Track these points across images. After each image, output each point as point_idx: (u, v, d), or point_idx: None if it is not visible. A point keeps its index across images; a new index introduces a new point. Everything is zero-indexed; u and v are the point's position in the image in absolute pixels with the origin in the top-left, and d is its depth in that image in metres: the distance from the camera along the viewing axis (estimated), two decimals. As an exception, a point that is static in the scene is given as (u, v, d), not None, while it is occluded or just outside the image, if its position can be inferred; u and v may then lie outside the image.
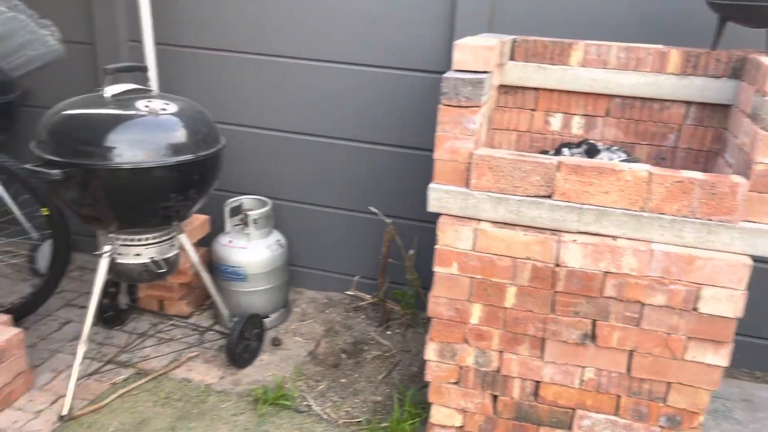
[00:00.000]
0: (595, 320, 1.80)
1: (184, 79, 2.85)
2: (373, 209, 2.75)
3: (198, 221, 2.83)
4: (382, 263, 2.70)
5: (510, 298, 1.85)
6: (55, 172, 1.93)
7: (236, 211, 2.72)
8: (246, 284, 2.64)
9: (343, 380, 2.45)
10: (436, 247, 1.87)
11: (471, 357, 1.94)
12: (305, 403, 2.31)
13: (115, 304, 2.66)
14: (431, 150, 2.66)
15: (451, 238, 1.85)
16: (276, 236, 2.73)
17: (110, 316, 2.66)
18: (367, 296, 2.86)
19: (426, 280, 2.78)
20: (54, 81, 3.03)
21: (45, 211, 2.50)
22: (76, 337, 2.61)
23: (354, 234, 2.90)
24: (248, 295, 2.66)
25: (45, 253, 2.96)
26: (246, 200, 2.75)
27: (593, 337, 1.82)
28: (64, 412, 2.14)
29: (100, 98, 2.10)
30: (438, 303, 1.93)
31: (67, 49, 2.94)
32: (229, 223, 2.69)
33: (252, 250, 2.62)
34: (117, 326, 2.69)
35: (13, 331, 2.20)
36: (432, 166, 2.65)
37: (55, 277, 2.60)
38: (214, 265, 2.69)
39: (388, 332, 2.77)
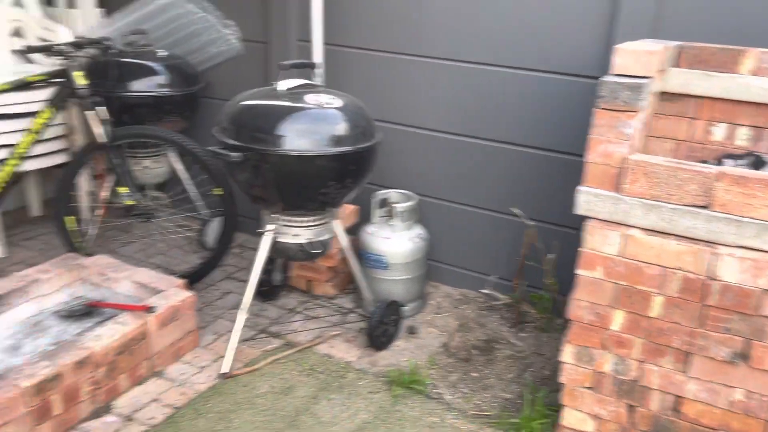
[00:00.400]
0: (749, 339, 1.72)
1: (346, 77, 3.05)
2: (515, 210, 2.78)
3: (348, 210, 3.02)
4: (521, 265, 2.72)
5: (656, 308, 1.82)
6: (235, 155, 2.18)
7: (383, 203, 2.87)
8: (387, 272, 2.78)
9: (474, 374, 2.52)
10: (581, 249, 1.88)
11: (609, 363, 1.93)
12: (436, 390, 2.40)
13: (269, 280, 2.91)
14: (578, 155, 2.65)
15: (597, 241, 1.85)
16: (418, 230, 2.85)
17: (265, 290, 2.91)
18: (502, 296, 2.89)
19: (564, 285, 2.76)
20: (230, 75, 3.36)
21: (218, 191, 2.79)
22: (236, 306, 2.89)
23: (493, 234, 2.95)
24: (388, 283, 2.80)
25: (213, 230, 3.30)
26: (393, 194, 2.89)
27: (745, 356, 1.73)
28: (224, 370, 2.39)
29: (274, 91, 2.33)
30: (579, 306, 1.93)
31: (244, 47, 3.27)
32: (375, 214, 2.84)
33: (395, 241, 2.76)
34: (270, 300, 2.95)
35: (187, 294, 2.50)
36: (578, 171, 2.64)
37: (221, 252, 2.89)
38: (359, 253, 2.86)
39: (521, 334, 2.79)
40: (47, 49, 2.55)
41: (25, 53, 2.56)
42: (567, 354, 1.99)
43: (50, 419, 2.02)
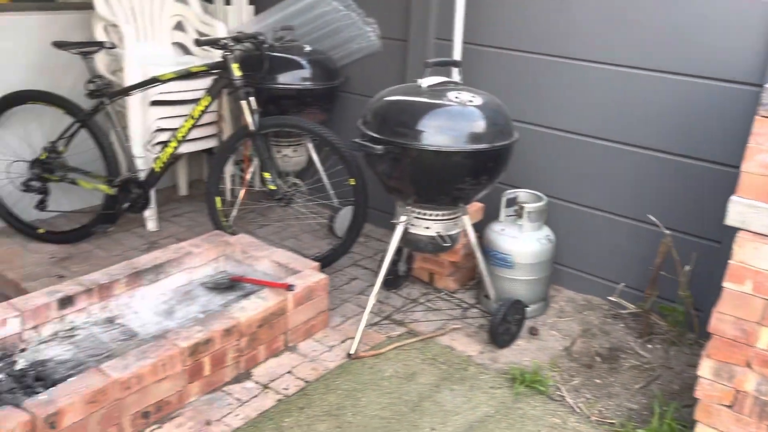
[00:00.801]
0: None
1: (482, 76, 3.08)
2: (652, 218, 2.69)
3: (474, 207, 3.06)
4: (654, 274, 2.64)
5: (811, 329, 1.72)
6: (379, 147, 2.28)
7: (511, 202, 2.88)
8: (512, 272, 2.79)
9: (597, 381, 2.48)
10: (730, 262, 1.81)
11: (752, 383, 1.85)
12: (558, 393, 2.39)
13: (395, 270, 3.02)
14: (724, 164, 2.53)
15: (748, 255, 1.78)
16: (546, 231, 2.84)
17: (389, 279, 3.02)
18: (630, 305, 2.81)
19: (699, 300, 2.66)
20: (367, 71, 3.49)
21: (352, 182, 2.93)
22: (361, 292, 3.02)
23: (624, 241, 2.88)
24: (512, 282, 2.81)
25: (342, 218, 3.45)
26: (522, 193, 2.90)
27: None
28: (352, 351, 2.52)
29: (417, 88, 2.41)
30: (722, 320, 1.86)
31: (383, 44, 3.39)
32: (503, 212, 2.86)
33: (522, 241, 2.77)
34: (393, 289, 3.05)
35: (321, 276, 2.65)
36: (723, 181, 2.53)
37: (351, 239, 3.02)
38: (484, 250, 2.89)
39: (649, 345, 2.71)
40: (214, 42, 2.79)
41: (196, 45, 2.80)
42: (705, 369, 1.92)
43: (200, 379, 2.23)
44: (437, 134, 2.27)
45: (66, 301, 2.37)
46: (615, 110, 2.77)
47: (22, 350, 2.26)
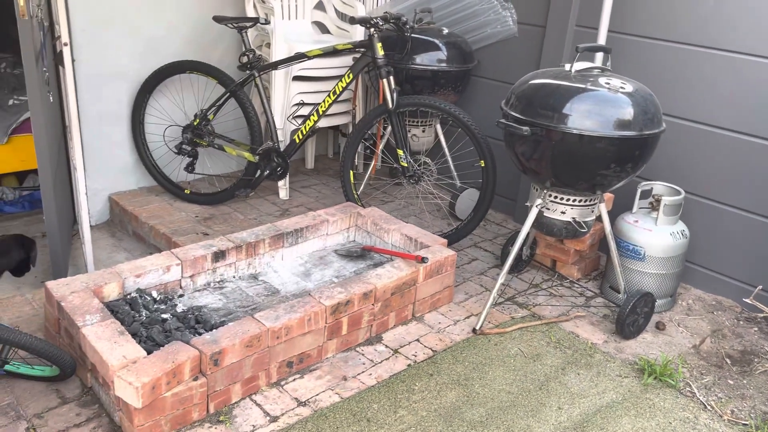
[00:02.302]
0: None
1: (626, 64, 3.03)
2: (803, 220, 2.58)
3: (606, 197, 3.03)
4: (799, 278, 2.53)
5: None
6: (525, 128, 2.32)
7: (645, 194, 2.84)
8: (642, 264, 2.76)
9: (729, 381, 2.42)
10: None
11: None
12: (688, 389, 2.36)
13: (518, 254, 3.05)
14: None
15: None
16: (680, 226, 2.78)
17: (512, 263, 3.05)
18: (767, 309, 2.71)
19: None
20: (501, 56, 3.51)
21: (482, 163, 2.98)
22: (482, 273, 3.08)
23: (764, 242, 2.77)
24: (642, 275, 2.78)
25: (463, 200, 3.51)
26: (658, 186, 2.84)
27: None
28: (477, 326, 2.58)
29: (565, 72, 2.42)
30: None
31: (520, 30, 3.40)
32: (637, 204, 2.82)
33: (656, 234, 2.72)
34: (516, 273, 3.08)
35: (449, 252, 2.72)
36: None
37: (476, 220, 3.08)
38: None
39: (786, 352, 2.61)
40: (367, 21, 2.91)
41: (351, 23, 2.93)
42: None
43: (338, 337, 2.37)
44: (585, 118, 2.27)
45: (219, 255, 2.57)
46: (764, 106, 2.66)
47: (180, 296, 2.48)
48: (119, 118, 3.38)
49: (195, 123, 3.33)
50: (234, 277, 2.66)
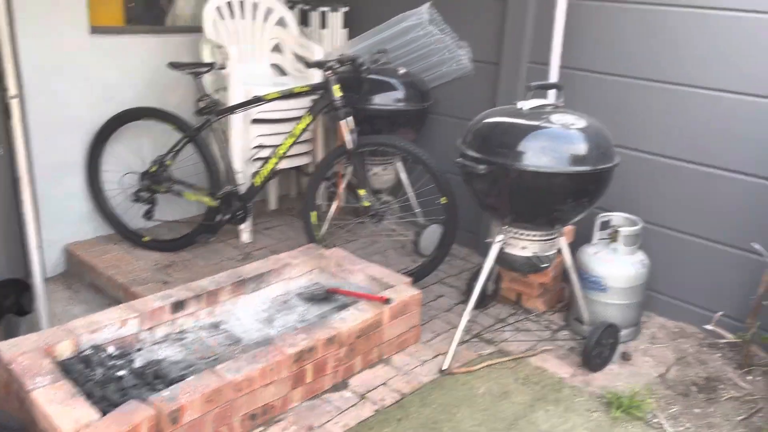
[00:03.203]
0: None
1: (578, 99, 3.09)
2: (757, 246, 2.64)
3: (566, 229, 3.07)
4: (757, 305, 2.58)
5: None
6: (482, 167, 2.34)
7: (604, 225, 2.87)
8: (605, 295, 2.78)
9: (696, 410, 2.43)
10: None
11: None
12: (656, 420, 2.36)
13: (483, 289, 3.04)
14: (838, 193, 2.46)
15: None
16: (640, 256, 2.81)
17: (478, 298, 3.04)
18: (729, 335, 2.75)
19: (805, 332, 2.58)
20: (457, 93, 3.56)
21: (444, 200, 2.99)
22: (449, 310, 3.06)
23: (723, 269, 2.82)
24: (605, 306, 2.79)
25: (428, 236, 3.52)
26: (617, 217, 2.89)
27: None
28: (445, 366, 2.56)
29: (518, 110, 2.46)
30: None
31: (475, 67, 3.46)
32: (596, 235, 2.86)
33: (617, 265, 2.75)
34: (482, 308, 3.08)
35: (414, 292, 2.71)
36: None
37: (440, 256, 3.08)
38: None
39: (749, 377, 2.63)
40: (322, 65, 2.93)
41: (307, 67, 2.95)
42: (821, 402, 1.87)
43: (303, 385, 2.32)
44: (540, 155, 2.30)
45: (178, 305, 2.51)
46: (716, 136, 2.74)
47: (139, 349, 2.40)
48: (74, 167, 3.32)
49: (152, 169, 3.29)
50: (195, 326, 2.59)
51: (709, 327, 2.80)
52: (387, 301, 2.54)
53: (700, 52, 2.72)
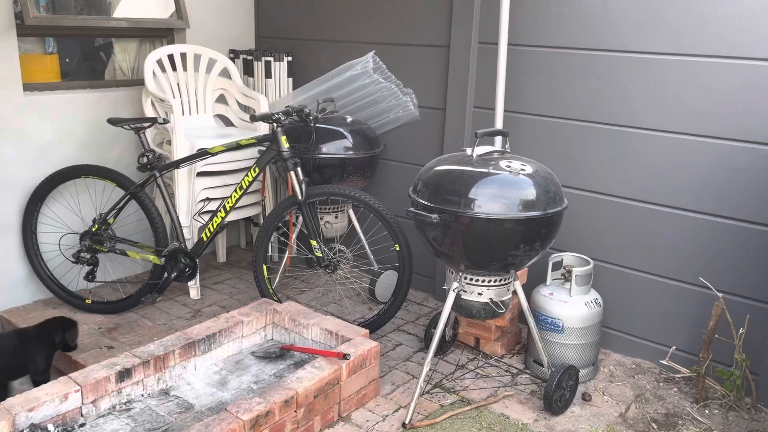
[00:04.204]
0: None
1: (523, 142, 3.16)
2: (704, 281, 2.70)
3: (521, 271, 3.08)
4: (708, 338, 2.62)
5: None
6: (434, 216, 2.33)
7: (557, 265, 2.90)
8: (562, 336, 2.78)
9: (659, 449, 2.44)
10: (801, 327, 1.81)
11: (831, 452, 1.81)
12: (621, 462, 2.34)
13: (442, 335, 3.01)
14: (776, 226, 2.55)
15: (820, 320, 1.78)
16: (594, 295, 2.84)
17: (436, 345, 3.01)
18: (684, 369, 2.78)
19: (755, 363, 2.63)
20: (406, 139, 3.58)
21: (397, 248, 2.96)
22: (408, 359, 3.01)
23: (675, 304, 2.87)
24: (562, 347, 2.80)
25: (383, 283, 3.48)
26: (568, 257, 2.92)
27: None
28: (407, 420, 2.49)
29: (467, 157, 2.47)
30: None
31: (422, 113, 3.49)
32: (550, 276, 2.87)
33: (571, 305, 2.77)
34: (441, 355, 3.03)
35: (372, 344, 2.65)
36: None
37: (397, 304, 3.04)
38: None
39: (706, 411, 2.66)
40: (268, 118, 2.89)
41: (252, 121, 2.90)
42: (779, 437, 1.89)
43: (260, 452, 2.21)
44: (491, 202, 2.31)
45: (124, 374, 2.38)
46: (661, 174, 2.82)
47: (81, 425, 2.25)
48: (8, 229, 3.16)
49: (94, 229, 3.15)
50: (143, 395, 2.46)
51: (664, 362, 2.83)
52: (345, 356, 2.47)
53: (638, 93, 2.81)
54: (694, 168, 2.73)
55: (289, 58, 3.85)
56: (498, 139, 3.00)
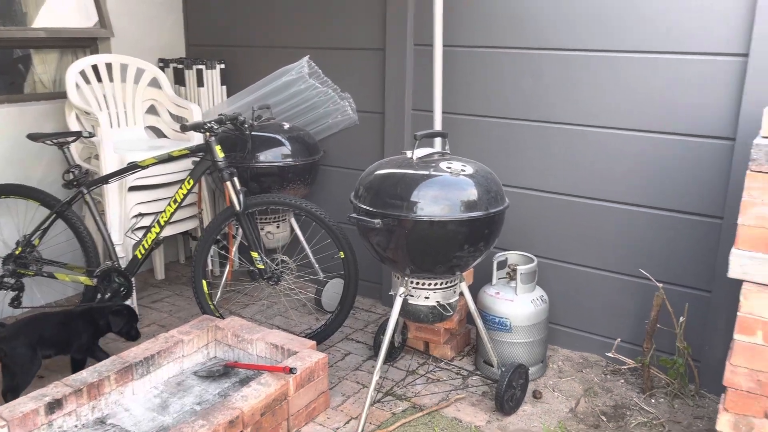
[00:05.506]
0: None
1: (462, 143, 3.15)
2: (643, 272, 2.74)
3: (466, 272, 3.06)
4: (651, 328, 2.67)
5: (825, 375, 1.75)
6: (376, 221, 2.28)
7: (501, 265, 2.90)
8: (510, 335, 2.78)
9: (609, 441, 2.45)
10: (739, 314, 1.85)
11: (773, 433, 1.85)
12: (574, 458, 2.35)
13: (391, 342, 2.96)
14: (712, 216, 2.62)
15: (755, 305, 1.82)
16: (539, 292, 2.85)
17: (386, 352, 2.96)
18: (629, 360, 2.82)
19: (696, 350, 2.69)
20: (346, 144, 3.52)
21: (342, 255, 2.90)
22: (357, 368, 2.95)
23: (617, 296, 2.92)
24: (511, 346, 2.79)
25: (330, 292, 3.40)
26: (512, 255, 2.92)
27: None
28: (359, 431, 2.43)
29: (408, 160, 2.44)
30: (736, 372, 1.88)
31: (360, 117, 3.44)
32: (495, 275, 2.87)
33: (518, 303, 2.77)
34: (390, 361, 2.98)
35: (320, 356, 2.57)
36: (708, 232, 2.61)
37: (344, 313, 2.97)
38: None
39: (652, 400, 2.70)
40: (198, 127, 2.78)
41: (182, 131, 2.79)
42: (723, 422, 1.92)
43: (206, 478, 2.10)
44: (433, 204, 2.28)
45: (54, 405, 2.22)
46: (598, 169, 2.86)
47: (9, 463, 2.09)
48: None
49: (17, 252, 2.96)
50: (76, 426, 2.31)
51: (610, 354, 2.87)
52: (291, 371, 2.39)
53: (567, 90, 2.85)
54: (626, 161, 2.78)
55: (222, 66, 3.74)
56: (438, 141, 2.98)
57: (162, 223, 2.96)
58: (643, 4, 2.61)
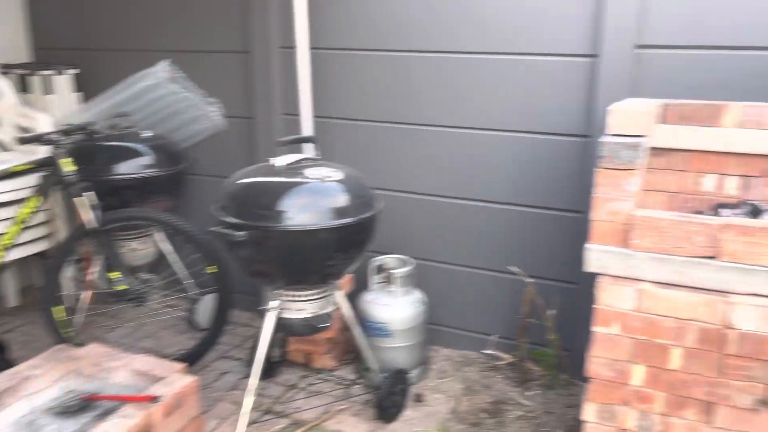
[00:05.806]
0: (770, 385, 1.75)
1: (335, 148, 3.08)
2: (514, 269, 2.81)
3: (344, 279, 3.00)
4: (523, 323, 2.74)
5: (675, 360, 1.84)
6: (240, 234, 2.16)
7: (379, 269, 2.87)
8: (390, 340, 2.75)
9: (489, 439, 2.48)
10: (596, 306, 1.91)
11: (633, 419, 1.93)
12: (455, 460, 2.35)
13: (268, 357, 2.84)
14: (572, 211, 2.72)
15: (611, 297, 1.89)
16: (417, 294, 2.85)
17: (264, 368, 2.82)
18: (506, 356, 2.88)
19: (566, 341, 2.79)
20: (216, 151, 3.35)
21: (212, 269, 2.75)
22: (235, 387, 2.80)
23: (492, 293, 2.97)
24: (392, 350, 2.76)
25: (204, 308, 3.22)
26: (389, 259, 2.90)
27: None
28: (234, 456, 2.30)
29: (272, 167, 2.33)
30: (597, 363, 1.94)
31: (228, 123, 3.29)
32: (373, 280, 2.83)
33: (396, 307, 2.75)
34: (269, 377, 2.86)
35: (189, 379, 2.40)
36: (572, 227, 2.72)
37: (218, 330, 2.82)
38: (359, 321, 2.82)
39: (528, 393, 2.77)
40: (38, 139, 2.52)
41: (20, 144, 2.51)
42: (588, 412, 1.99)
43: None
44: (302, 213, 2.19)
45: None
46: (463, 169, 2.89)
47: None
48: None
49: None
50: None
51: (487, 351, 2.91)
52: (155, 399, 2.21)
53: (438, 92, 2.86)
54: (492, 161, 2.83)
55: (75, 71, 3.45)
56: (309, 147, 2.90)
57: (5, 246, 2.67)
58: (501, 6, 2.66)
